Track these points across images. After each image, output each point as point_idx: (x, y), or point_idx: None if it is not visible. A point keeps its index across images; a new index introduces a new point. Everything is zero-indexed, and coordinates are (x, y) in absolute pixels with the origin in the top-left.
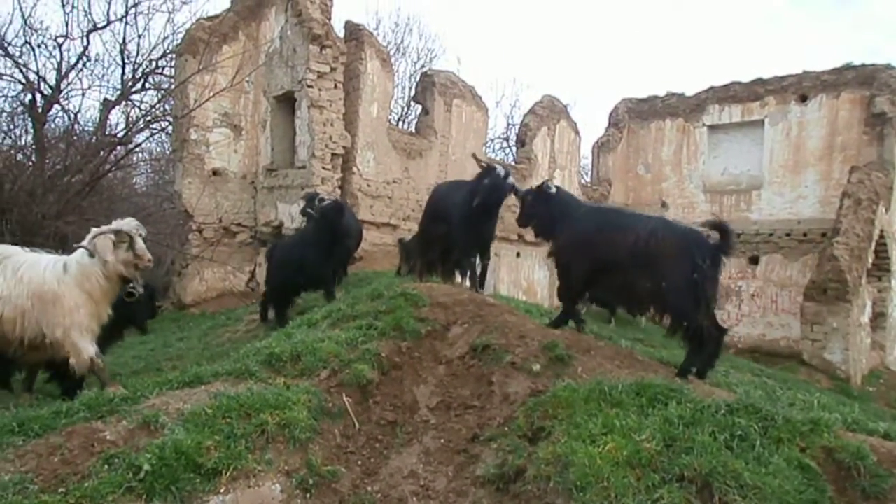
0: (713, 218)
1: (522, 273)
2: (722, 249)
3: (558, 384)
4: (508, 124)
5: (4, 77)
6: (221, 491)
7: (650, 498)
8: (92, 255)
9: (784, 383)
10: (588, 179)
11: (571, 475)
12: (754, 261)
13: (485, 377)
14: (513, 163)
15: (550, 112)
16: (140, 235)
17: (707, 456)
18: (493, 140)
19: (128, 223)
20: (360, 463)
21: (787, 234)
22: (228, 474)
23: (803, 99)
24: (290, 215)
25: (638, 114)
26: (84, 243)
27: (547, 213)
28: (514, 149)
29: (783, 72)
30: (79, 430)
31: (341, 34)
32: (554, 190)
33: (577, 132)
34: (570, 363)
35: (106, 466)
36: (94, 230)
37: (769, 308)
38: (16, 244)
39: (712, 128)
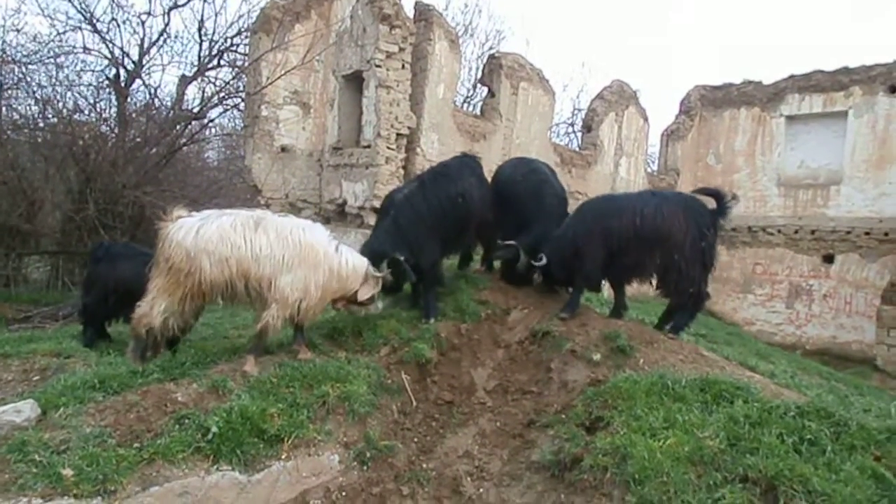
0: (703, 186)
1: None
2: (720, 215)
3: (619, 375)
4: (575, 109)
5: (92, 52)
6: (283, 457)
7: (711, 496)
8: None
9: (855, 389)
10: (655, 168)
11: (630, 467)
12: (829, 259)
13: (543, 363)
14: (578, 149)
15: (619, 97)
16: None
17: (773, 458)
18: (558, 125)
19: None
20: (416, 440)
21: (867, 233)
22: (290, 441)
23: (893, 90)
24: (354, 194)
25: (711, 101)
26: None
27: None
28: (579, 134)
29: (871, 61)
30: (153, 390)
31: (411, 14)
32: None
33: (645, 119)
34: (631, 354)
35: (177, 426)
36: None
37: (842, 309)
38: (99, 211)
39: (790, 118)
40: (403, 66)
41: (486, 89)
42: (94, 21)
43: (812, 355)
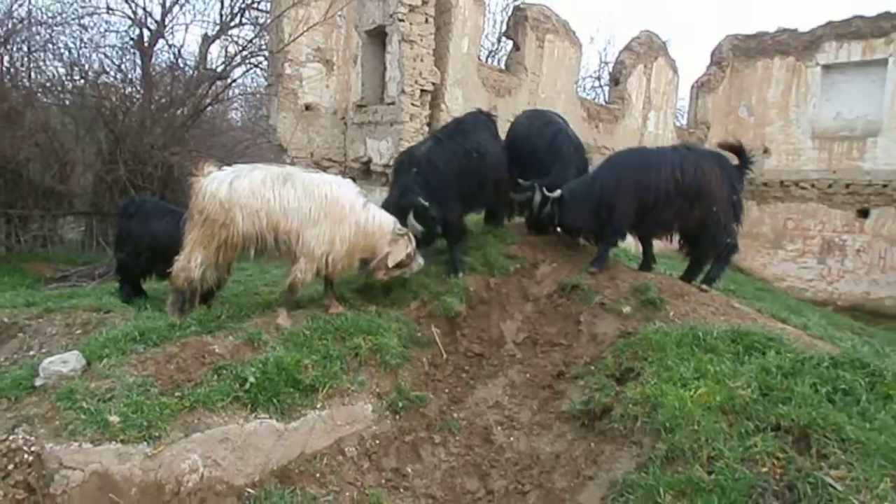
0: (724, 140)
1: None
2: (745, 169)
3: (649, 327)
4: (601, 62)
5: (115, 12)
6: (318, 406)
7: (743, 444)
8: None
9: (890, 344)
10: (684, 122)
11: (660, 416)
12: (863, 214)
13: (572, 316)
14: (605, 103)
15: (648, 49)
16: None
17: (807, 407)
18: (584, 79)
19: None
20: (446, 391)
21: None
22: (324, 391)
23: None
24: (379, 151)
25: (743, 52)
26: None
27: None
28: (605, 88)
29: None
30: (191, 341)
31: None
32: None
33: (675, 71)
34: (661, 307)
35: (215, 376)
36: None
37: (876, 265)
38: (129, 172)
39: (827, 67)
40: (427, 20)
41: (510, 42)
42: None
43: (844, 311)
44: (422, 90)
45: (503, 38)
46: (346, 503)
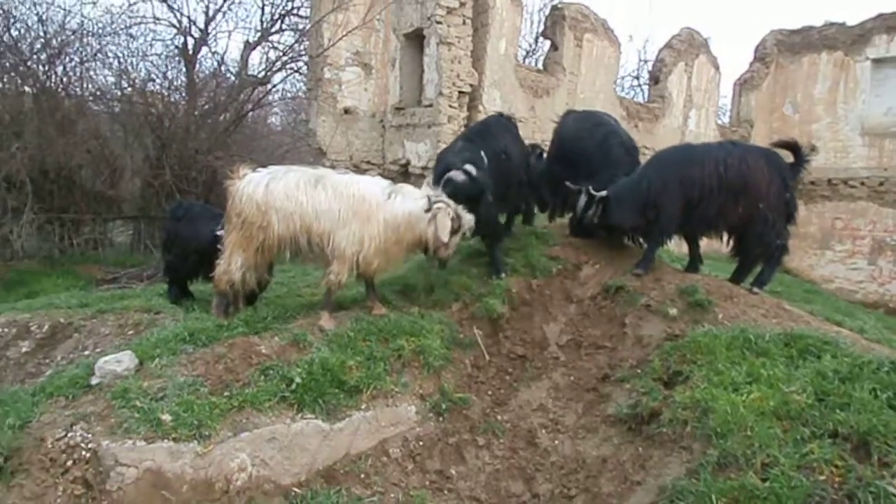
0: (781, 138)
1: None
2: (797, 168)
3: (697, 329)
4: (640, 61)
5: (161, 21)
6: (363, 407)
7: (798, 451)
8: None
9: None
10: (726, 120)
11: (711, 421)
12: None
13: (617, 318)
14: (644, 102)
15: (689, 46)
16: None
17: (866, 413)
18: (623, 78)
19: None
20: (489, 393)
21: None
22: (369, 392)
23: None
24: (417, 154)
25: (788, 47)
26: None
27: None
28: (644, 87)
29: None
30: (238, 342)
31: None
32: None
33: (716, 68)
34: (709, 309)
35: (262, 376)
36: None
37: None
38: (175, 177)
39: (877, 62)
40: (464, 22)
41: (548, 43)
42: None
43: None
44: (459, 92)
45: (541, 39)
46: None
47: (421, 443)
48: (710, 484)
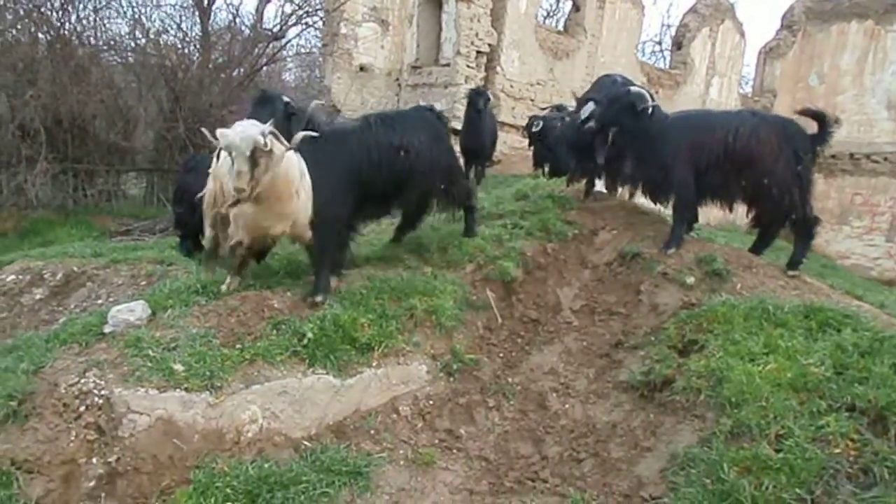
0: (809, 107)
1: None
2: (820, 140)
3: (714, 299)
4: (663, 25)
5: None
6: (374, 365)
7: (814, 423)
8: None
9: None
10: (749, 89)
11: (726, 390)
12: None
13: (632, 285)
14: (666, 68)
15: (714, 11)
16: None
17: (885, 388)
18: (644, 43)
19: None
20: (501, 355)
21: None
22: (380, 350)
23: None
24: None
25: (817, 15)
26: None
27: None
28: (666, 53)
29: None
30: (251, 296)
31: None
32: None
33: (742, 35)
34: (728, 279)
35: (274, 330)
36: None
37: None
38: (188, 130)
39: None
40: None
41: (570, 3)
42: None
43: None
44: (477, 52)
45: None
46: (399, 461)
47: (431, 402)
48: (722, 453)
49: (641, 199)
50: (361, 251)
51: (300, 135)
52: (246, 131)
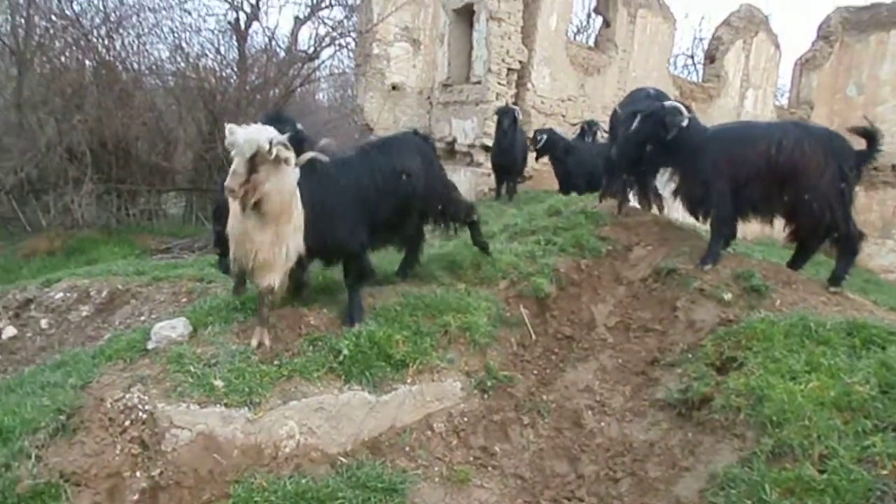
0: (840, 120)
1: None
2: (867, 157)
3: (753, 315)
4: (696, 38)
5: None
6: (408, 381)
7: (859, 444)
8: None
9: None
10: (784, 101)
11: (766, 409)
12: None
13: (668, 301)
14: (699, 81)
15: (748, 23)
16: None
17: None
18: (676, 57)
19: None
20: (535, 372)
21: None
22: (415, 367)
23: None
24: (464, 131)
25: (855, 25)
26: None
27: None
28: (698, 66)
29: None
30: (287, 313)
31: None
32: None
33: (777, 47)
34: (767, 295)
35: (311, 347)
36: None
37: None
38: (226, 151)
39: None
40: None
41: (600, 19)
42: None
43: None
44: (508, 69)
45: (593, 15)
46: (434, 478)
47: (465, 419)
48: (763, 473)
49: (676, 215)
50: (391, 268)
51: (307, 155)
52: (252, 133)
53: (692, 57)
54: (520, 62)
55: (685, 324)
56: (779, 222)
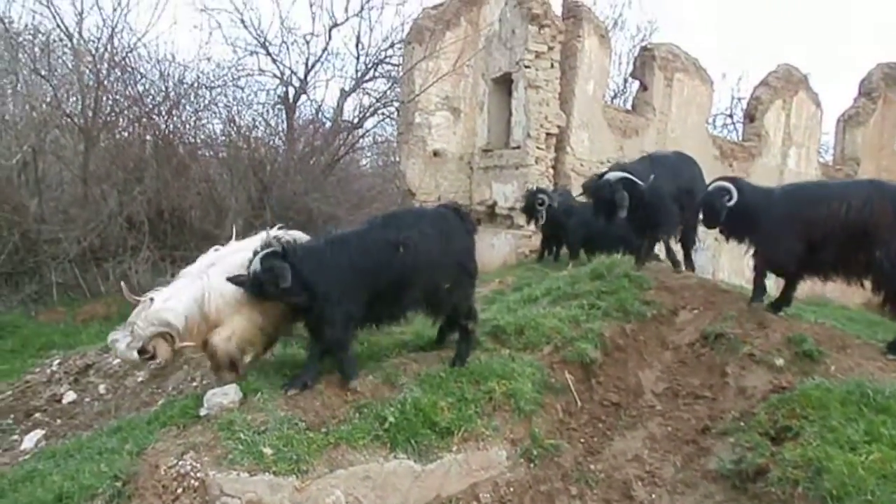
0: (887, 175)
1: (747, 259)
2: None
3: (807, 382)
4: (734, 98)
5: (265, 73)
6: (454, 450)
7: None
8: None
9: None
10: (829, 158)
11: (826, 483)
12: None
13: (717, 367)
14: (739, 140)
15: (786, 83)
16: None
17: None
18: (715, 116)
19: None
20: (582, 441)
21: None
22: (460, 434)
23: None
24: (504, 195)
25: None
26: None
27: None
28: (738, 125)
29: None
30: (334, 380)
31: (559, 13)
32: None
33: (817, 105)
34: (820, 360)
35: (357, 414)
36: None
37: None
38: (274, 217)
39: None
40: (552, 65)
41: (637, 83)
42: (267, 45)
43: None
44: (547, 133)
45: (629, 80)
46: None
47: (511, 488)
48: None
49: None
50: (431, 333)
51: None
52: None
53: (731, 116)
54: (558, 127)
55: (735, 390)
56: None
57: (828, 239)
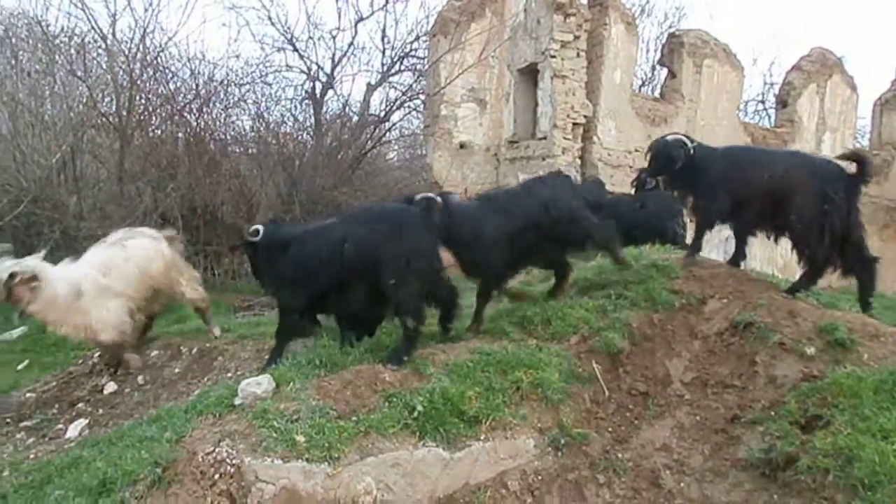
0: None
1: (779, 249)
2: (858, 179)
3: (838, 370)
4: (765, 84)
5: (293, 69)
6: (482, 438)
7: None
8: None
9: None
10: (866, 143)
11: (857, 471)
12: None
13: (747, 356)
14: (771, 127)
15: (821, 67)
16: None
17: None
18: (746, 103)
19: None
20: (609, 429)
21: None
22: (488, 423)
23: None
24: None
25: None
26: None
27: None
28: (770, 111)
29: None
30: (364, 370)
31: (585, 1)
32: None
33: (853, 89)
34: (852, 349)
35: (387, 403)
36: None
37: None
38: (303, 212)
39: None
40: (578, 55)
41: (665, 70)
42: (294, 41)
43: None
44: (574, 123)
45: (657, 67)
46: None
47: (539, 477)
48: None
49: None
50: (463, 323)
51: None
52: None
53: (763, 102)
54: (585, 116)
55: (765, 379)
56: None
57: (752, 199)
